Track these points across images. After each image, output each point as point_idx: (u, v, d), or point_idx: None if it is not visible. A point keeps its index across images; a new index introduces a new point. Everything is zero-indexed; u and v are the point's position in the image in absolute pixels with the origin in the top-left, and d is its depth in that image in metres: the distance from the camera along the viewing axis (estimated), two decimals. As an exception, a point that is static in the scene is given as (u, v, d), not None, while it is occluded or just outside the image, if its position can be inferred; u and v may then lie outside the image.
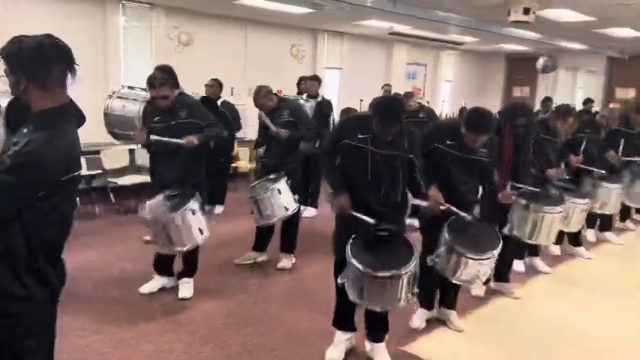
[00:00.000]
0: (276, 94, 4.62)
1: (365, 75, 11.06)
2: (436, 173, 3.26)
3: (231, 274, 4.51)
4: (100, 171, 6.53)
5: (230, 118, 6.27)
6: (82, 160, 6.16)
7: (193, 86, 5.82)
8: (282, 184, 4.24)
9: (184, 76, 5.54)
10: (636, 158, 5.66)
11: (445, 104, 12.90)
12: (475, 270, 3.19)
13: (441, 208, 3.21)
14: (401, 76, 12.06)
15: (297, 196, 4.35)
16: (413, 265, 2.74)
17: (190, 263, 4.06)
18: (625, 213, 6.50)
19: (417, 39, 11.04)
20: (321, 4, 6.75)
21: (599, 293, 4.50)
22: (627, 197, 5.81)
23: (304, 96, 6.58)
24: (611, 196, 5.42)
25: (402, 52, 12.04)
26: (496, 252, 3.21)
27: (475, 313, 3.99)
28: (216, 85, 6.51)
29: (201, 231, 3.68)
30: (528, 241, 4.30)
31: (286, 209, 4.24)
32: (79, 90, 5.29)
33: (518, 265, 4.84)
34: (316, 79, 6.58)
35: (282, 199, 4.21)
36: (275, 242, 4.78)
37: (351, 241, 2.86)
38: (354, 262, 2.72)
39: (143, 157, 6.38)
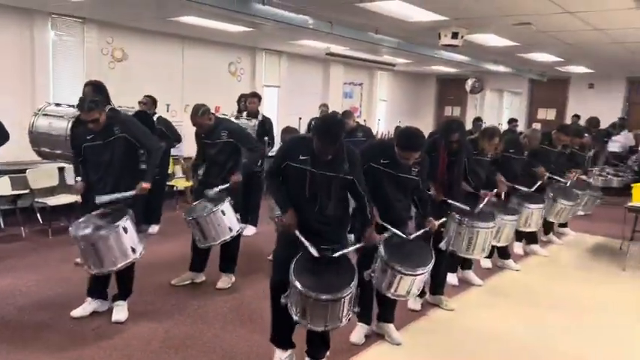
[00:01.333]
0: (213, 113, 4.58)
1: (303, 94, 11.22)
2: (372, 191, 3.35)
3: (168, 295, 4.39)
4: (27, 191, 6.20)
5: (167, 134, 6.17)
6: (6, 180, 5.89)
7: (127, 103, 5.71)
8: (226, 205, 4.17)
9: (118, 93, 5.43)
10: (558, 177, 6.06)
11: (381, 123, 13.28)
12: (409, 284, 3.29)
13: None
14: (338, 95, 12.31)
15: (238, 216, 4.32)
16: (354, 286, 2.80)
17: (124, 285, 3.93)
18: (548, 227, 6.90)
19: (352, 59, 11.31)
20: (258, 24, 6.79)
21: (528, 303, 4.74)
22: (549, 214, 6.16)
23: (244, 114, 6.56)
24: (533, 216, 5.71)
25: (339, 71, 12.30)
26: (428, 267, 3.33)
27: (412, 325, 4.09)
28: (149, 102, 6.40)
29: (134, 250, 3.56)
30: (464, 256, 4.49)
31: (230, 230, 4.18)
32: (4, 106, 5.08)
33: (451, 279, 5.01)
34: (256, 96, 6.57)
35: (226, 220, 4.14)
36: (214, 261, 4.71)
37: (294, 261, 2.88)
38: (297, 284, 2.75)
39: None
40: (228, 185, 4.28)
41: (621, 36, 6.89)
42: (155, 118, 6.18)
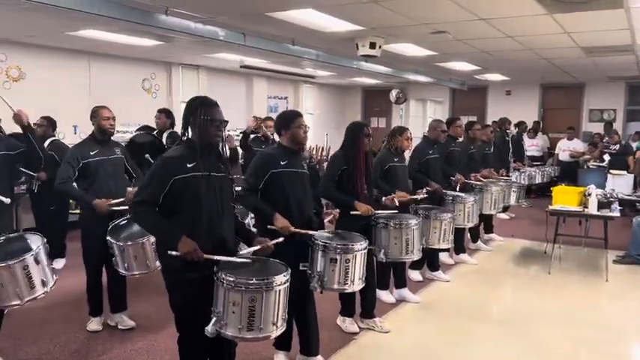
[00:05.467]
0: None
1: (226, 108, 10.73)
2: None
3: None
4: None
5: (58, 159, 5.53)
6: None
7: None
8: None
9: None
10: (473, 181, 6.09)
11: (309, 136, 13.05)
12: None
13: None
14: (263, 109, 11.99)
15: None
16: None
17: None
18: (475, 234, 6.89)
19: (274, 72, 11.07)
20: (168, 37, 6.39)
21: (459, 316, 4.60)
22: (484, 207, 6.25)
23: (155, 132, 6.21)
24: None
25: (262, 85, 12.01)
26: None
27: (342, 352, 3.81)
28: (47, 124, 5.82)
29: (44, 283, 3.12)
30: (407, 259, 4.24)
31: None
32: None
33: (385, 296, 4.81)
34: (163, 112, 6.28)
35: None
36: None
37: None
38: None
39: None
40: None
41: (532, 42, 7.04)
42: (47, 142, 5.58)
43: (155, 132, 6.27)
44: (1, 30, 6.62)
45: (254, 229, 3.33)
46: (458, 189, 5.59)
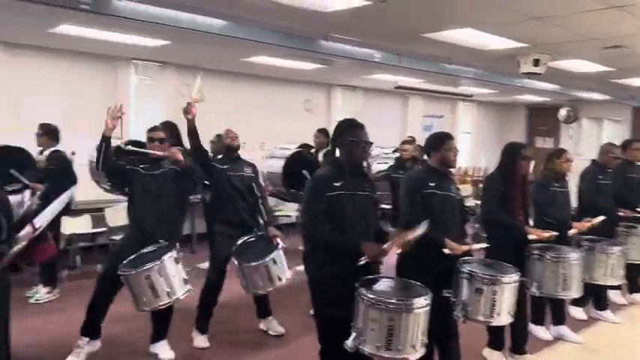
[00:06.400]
0: None
1: (380, 127, 10.95)
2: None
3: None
4: (104, 229, 6.45)
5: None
6: (87, 218, 6.13)
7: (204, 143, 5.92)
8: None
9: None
10: None
11: (464, 156, 12.67)
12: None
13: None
14: (417, 128, 11.92)
15: None
16: None
17: (164, 323, 3.85)
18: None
19: (428, 92, 10.97)
20: (329, 60, 6.75)
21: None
22: None
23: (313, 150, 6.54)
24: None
25: (418, 104, 11.96)
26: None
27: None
28: (218, 142, 6.38)
29: (185, 281, 3.47)
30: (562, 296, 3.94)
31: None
32: (86, 148, 5.21)
33: (540, 332, 4.47)
34: (322, 132, 6.54)
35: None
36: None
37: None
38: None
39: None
40: None
41: None
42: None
43: (313, 150, 6.62)
44: (188, 58, 7.59)
45: None
46: None
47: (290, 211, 8.19)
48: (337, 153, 2.93)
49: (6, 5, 4.20)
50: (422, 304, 2.57)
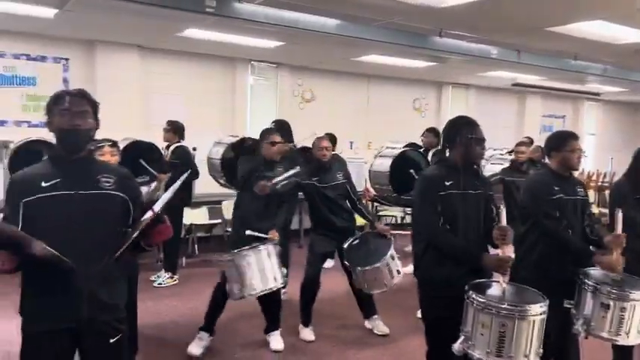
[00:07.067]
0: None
1: (494, 127, 10.46)
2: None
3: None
4: (220, 220, 6.82)
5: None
6: (204, 210, 6.52)
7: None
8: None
9: (307, 131, 5.66)
10: None
11: (588, 159, 11.73)
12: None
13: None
14: (535, 129, 11.23)
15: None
16: None
17: (275, 313, 3.99)
18: None
19: (551, 90, 10.28)
20: (443, 57, 6.58)
21: None
22: None
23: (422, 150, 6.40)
24: None
25: (536, 103, 11.28)
26: None
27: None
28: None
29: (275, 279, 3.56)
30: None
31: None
32: (206, 143, 5.56)
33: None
34: (431, 132, 6.37)
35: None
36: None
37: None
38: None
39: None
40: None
41: None
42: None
43: (422, 149, 6.48)
44: (300, 59, 7.79)
45: None
46: None
47: (395, 211, 8.11)
48: (447, 152, 2.86)
49: (139, 11, 4.57)
50: (537, 311, 2.41)
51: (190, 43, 6.52)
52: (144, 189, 4.33)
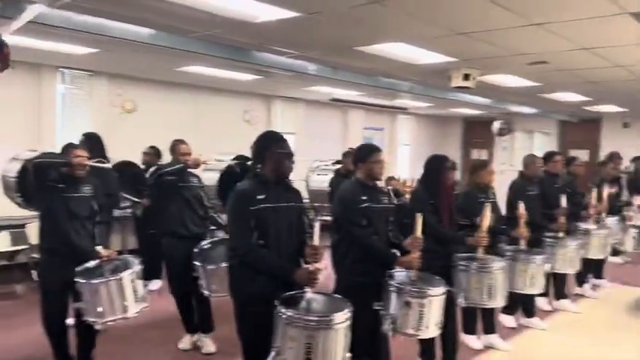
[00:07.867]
0: None
1: (321, 139, 10.98)
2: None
3: None
4: (26, 246, 6.06)
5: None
6: (6, 235, 5.77)
7: (136, 154, 6.00)
8: None
9: (130, 143, 5.34)
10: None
11: (404, 167, 12.90)
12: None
13: None
14: (358, 140, 12.01)
15: None
16: None
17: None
18: (581, 277, 6.30)
19: (364, 105, 11.11)
20: (266, 72, 6.68)
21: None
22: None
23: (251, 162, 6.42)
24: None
25: (359, 116, 12.09)
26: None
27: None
28: (153, 153, 6.28)
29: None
30: (488, 305, 3.98)
31: None
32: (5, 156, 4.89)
33: (471, 341, 4.53)
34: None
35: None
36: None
37: None
38: None
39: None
40: None
41: (648, 72, 6.43)
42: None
43: (250, 162, 6.50)
44: (119, 67, 7.31)
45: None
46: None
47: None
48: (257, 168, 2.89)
49: None
50: (341, 319, 2.52)
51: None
52: None
